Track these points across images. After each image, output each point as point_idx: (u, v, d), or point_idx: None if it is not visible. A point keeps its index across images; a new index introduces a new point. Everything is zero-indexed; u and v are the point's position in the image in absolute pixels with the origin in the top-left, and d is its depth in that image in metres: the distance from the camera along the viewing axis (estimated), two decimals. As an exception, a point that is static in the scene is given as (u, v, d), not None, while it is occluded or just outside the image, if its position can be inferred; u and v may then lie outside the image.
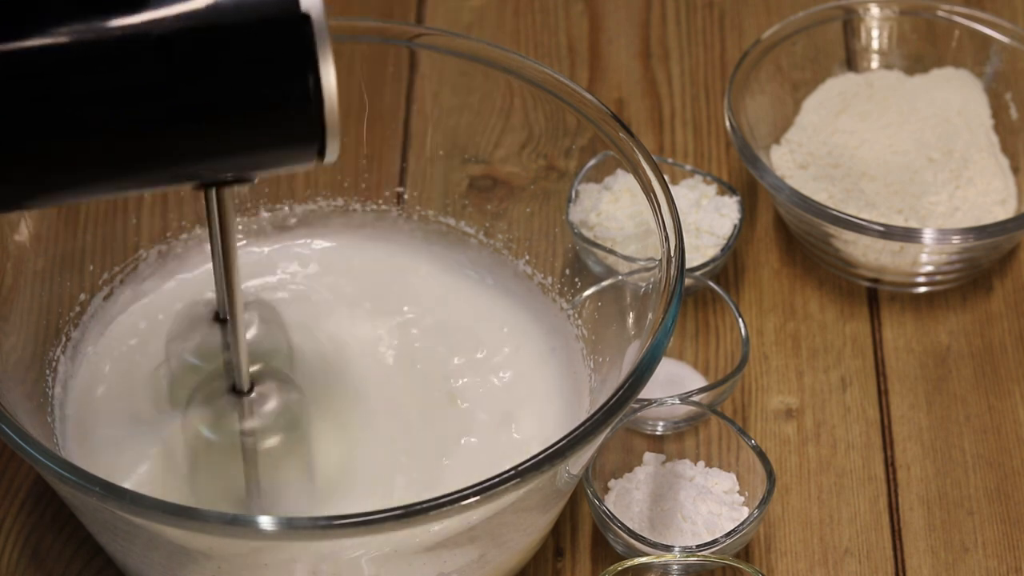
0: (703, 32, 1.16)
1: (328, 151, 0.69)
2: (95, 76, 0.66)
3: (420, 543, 0.80)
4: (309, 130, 0.68)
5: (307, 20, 0.66)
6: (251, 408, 0.81)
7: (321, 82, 0.67)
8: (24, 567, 0.89)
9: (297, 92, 0.67)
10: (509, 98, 0.93)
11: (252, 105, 0.67)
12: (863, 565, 0.90)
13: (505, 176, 0.95)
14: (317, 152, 0.69)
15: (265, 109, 0.68)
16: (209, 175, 0.71)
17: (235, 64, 0.67)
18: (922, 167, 1.03)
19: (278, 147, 0.69)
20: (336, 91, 0.67)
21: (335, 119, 0.68)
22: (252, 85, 0.67)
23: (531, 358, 0.92)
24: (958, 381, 0.98)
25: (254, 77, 0.67)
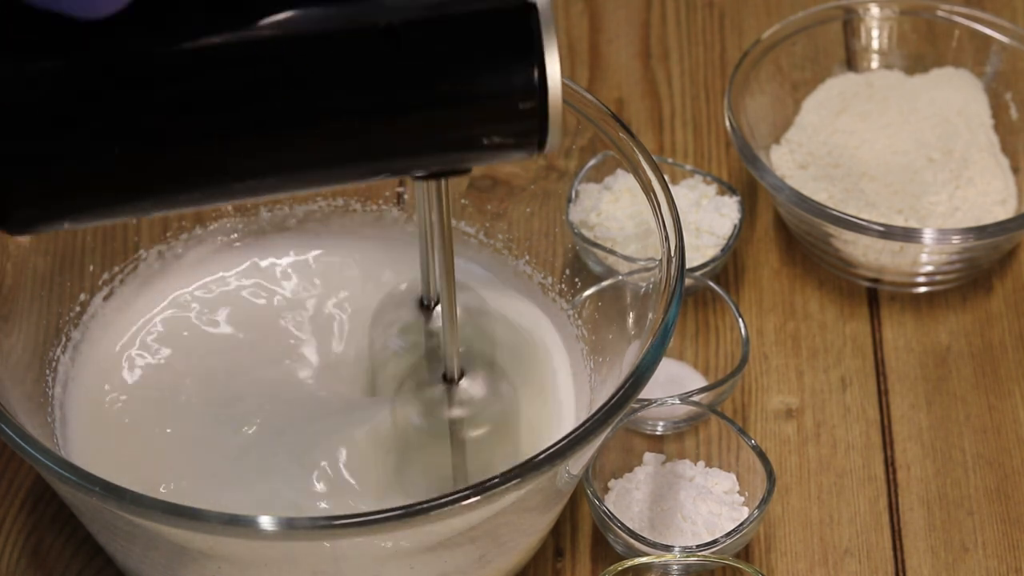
0: (703, 32, 1.16)
1: (549, 142, 0.69)
2: (323, 66, 0.66)
3: (420, 543, 0.80)
4: (532, 121, 0.68)
5: (534, 9, 0.66)
6: (460, 396, 0.82)
7: (547, 73, 0.67)
8: (24, 567, 0.89)
9: (522, 83, 0.67)
10: (509, 98, 0.93)
11: (477, 96, 0.68)
12: (863, 565, 0.90)
13: (505, 176, 0.95)
14: (538, 143, 0.69)
15: (490, 100, 0.68)
16: (430, 166, 0.71)
17: (462, 54, 0.67)
18: (922, 167, 1.03)
19: (500, 138, 0.69)
20: (560, 82, 0.68)
21: (558, 111, 0.68)
22: (478, 76, 0.67)
23: (530, 358, 0.92)
24: (958, 381, 0.98)
25: (480, 68, 0.67)
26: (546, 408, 0.89)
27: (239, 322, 0.93)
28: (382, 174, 0.71)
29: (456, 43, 0.67)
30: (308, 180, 0.71)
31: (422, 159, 0.70)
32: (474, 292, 0.89)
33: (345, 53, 0.66)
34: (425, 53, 0.66)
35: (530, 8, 0.67)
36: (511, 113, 0.68)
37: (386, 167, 0.71)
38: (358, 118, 0.68)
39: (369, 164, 0.70)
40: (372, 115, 0.68)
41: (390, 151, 0.69)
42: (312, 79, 0.67)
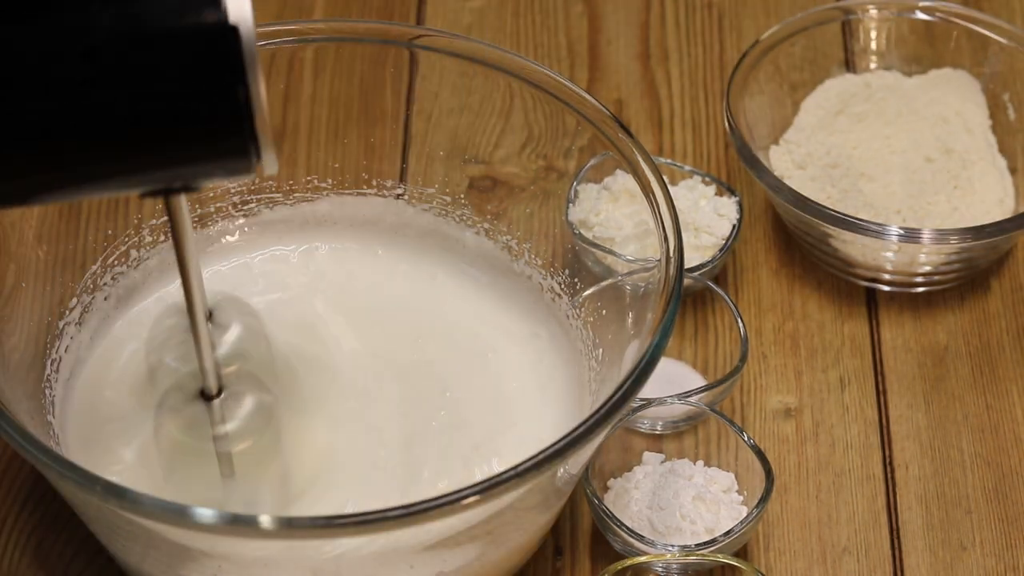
0: (702, 33, 1.16)
1: (266, 163, 0.69)
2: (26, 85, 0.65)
3: (420, 542, 0.80)
4: (242, 142, 0.67)
5: (234, 32, 0.65)
6: (221, 411, 0.81)
7: (251, 95, 0.66)
8: (26, 566, 0.89)
9: (227, 106, 0.66)
10: (509, 99, 0.93)
11: (184, 119, 0.67)
12: (861, 564, 0.90)
13: (505, 176, 0.96)
14: (255, 163, 0.69)
15: (197, 123, 0.67)
16: (148, 186, 0.70)
17: (162, 76, 0.66)
18: (920, 168, 1.04)
19: (212, 159, 0.69)
20: (266, 103, 0.67)
21: (267, 131, 0.67)
22: (181, 98, 0.66)
23: (530, 358, 0.92)
24: (956, 380, 0.98)
25: (182, 90, 0.66)
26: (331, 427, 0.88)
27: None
28: (104, 190, 0.71)
29: (156, 65, 0.65)
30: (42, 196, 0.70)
31: (136, 178, 0.69)
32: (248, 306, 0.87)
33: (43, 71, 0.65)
34: (125, 75, 0.65)
35: (231, 30, 0.65)
36: (220, 136, 0.67)
37: (105, 185, 0.70)
38: (69, 137, 0.66)
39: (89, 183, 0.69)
40: (77, 133, 0.66)
41: (106, 170, 0.68)
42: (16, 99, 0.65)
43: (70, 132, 0.66)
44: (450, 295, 0.95)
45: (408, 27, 1.08)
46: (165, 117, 0.66)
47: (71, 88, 0.65)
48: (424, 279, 0.95)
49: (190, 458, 0.82)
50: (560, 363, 0.92)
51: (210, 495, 0.82)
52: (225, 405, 0.81)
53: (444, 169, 0.96)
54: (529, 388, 0.91)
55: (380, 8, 1.17)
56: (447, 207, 0.96)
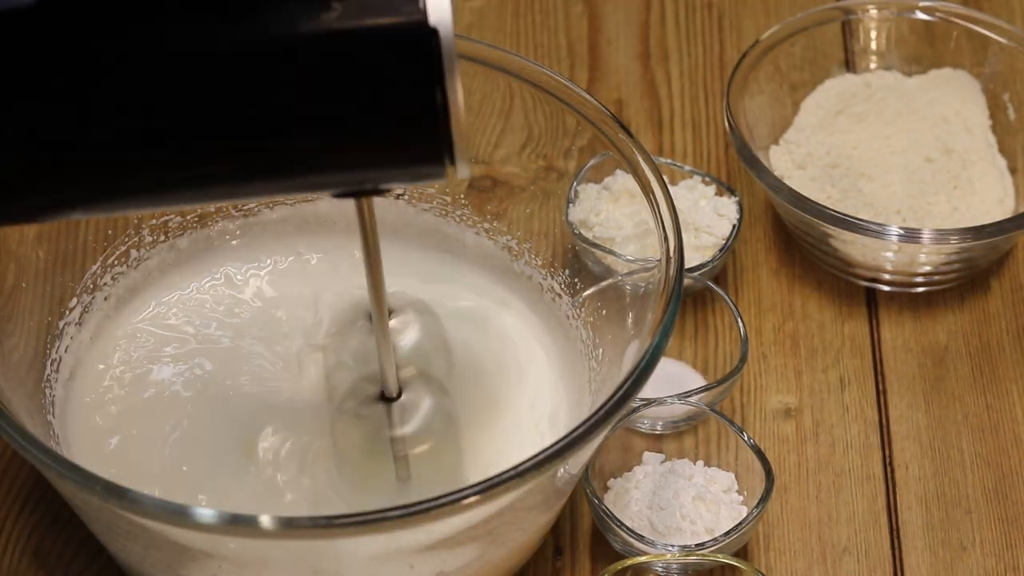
0: (702, 33, 1.16)
1: (459, 167, 0.68)
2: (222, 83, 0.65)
3: (420, 542, 0.80)
4: (436, 147, 0.67)
5: (434, 34, 0.65)
6: (400, 413, 0.81)
7: (448, 98, 0.66)
8: (26, 567, 0.89)
9: (424, 108, 0.66)
10: (509, 99, 0.93)
11: (378, 120, 0.66)
12: (861, 564, 0.90)
13: (505, 176, 0.96)
14: (449, 167, 0.68)
15: (391, 125, 0.66)
16: (339, 187, 0.70)
17: (361, 79, 0.65)
18: (920, 167, 1.04)
19: (406, 163, 0.68)
20: (463, 107, 0.66)
21: (463, 135, 0.67)
22: (378, 100, 0.66)
23: (530, 358, 0.92)
24: (956, 380, 0.98)
25: (380, 92, 0.65)
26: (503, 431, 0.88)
27: (238, 324, 0.93)
28: (291, 191, 0.71)
29: (355, 63, 0.65)
30: (215, 195, 0.70)
31: (329, 178, 0.69)
32: (430, 312, 0.88)
33: (243, 70, 0.65)
34: (325, 73, 0.65)
35: (432, 32, 0.65)
36: (415, 139, 0.67)
37: (293, 185, 0.70)
38: (260, 137, 0.66)
39: (275, 182, 0.69)
40: (273, 134, 0.66)
41: (295, 170, 0.68)
42: (211, 98, 0.65)
43: (271, 131, 0.66)
44: (450, 295, 0.95)
45: (408, 27, 1.07)
46: (362, 118, 0.66)
47: (272, 88, 0.65)
48: (424, 280, 0.95)
49: (367, 459, 0.83)
50: (560, 363, 0.92)
51: (385, 498, 0.82)
52: (404, 407, 0.81)
53: (444, 169, 0.96)
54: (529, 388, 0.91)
55: (380, 8, 1.17)
56: (447, 207, 0.96)
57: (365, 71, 0.65)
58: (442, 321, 0.89)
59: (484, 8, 1.17)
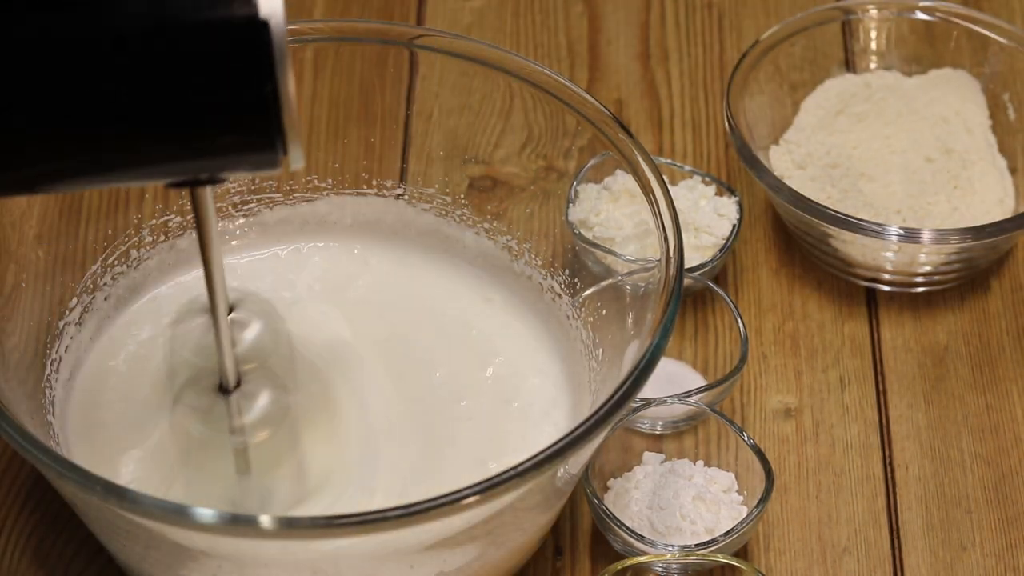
0: (702, 33, 1.16)
1: (292, 157, 0.69)
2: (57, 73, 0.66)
3: (420, 542, 0.80)
4: (270, 137, 0.67)
5: (265, 27, 0.65)
6: (238, 406, 0.81)
7: (279, 90, 0.66)
8: (26, 566, 0.89)
9: (254, 100, 0.66)
10: (509, 99, 0.93)
11: (211, 112, 0.67)
12: (861, 564, 0.90)
13: (505, 176, 0.96)
14: (281, 157, 0.69)
15: (224, 117, 0.67)
16: (175, 176, 0.70)
17: (191, 67, 0.66)
18: (920, 167, 1.04)
19: (240, 153, 0.69)
20: (295, 98, 0.67)
21: (296, 126, 0.67)
22: (210, 92, 0.66)
23: (531, 358, 0.92)
24: (956, 380, 0.98)
25: (212, 84, 0.66)
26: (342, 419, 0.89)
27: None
28: (130, 180, 0.71)
29: (186, 59, 0.66)
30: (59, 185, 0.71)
31: (166, 168, 0.70)
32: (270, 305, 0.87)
33: (78, 60, 0.65)
34: (156, 64, 0.66)
35: (263, 25, 0.65)
36: (248, 130, 0.67)
37: (131, 175, 0.70)
38: (96, 126, 0.67)
39: (115, 172, 0.69)
40: (108, 124, 0.67)
41: (132, 160, 0.68)
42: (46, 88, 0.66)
43: (100, 120, 0.66)
44: (450, 296, 0.95)
45: (408, 27, 1.08)
46: (193, 109, 0.66)
47: (102, 76, 0.65)
48: (424, 280, 0.95)
49: (205, 452, 0.83)
50: (560, 363, 0.92)
51: (225, 491, 0.83)
52: (242, 399, 0.81)
53: (444, 169, 0.96)
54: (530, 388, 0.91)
55: (380, 8, 1.17)
56: (447, 207, 0.96)
57: (197, 63, 0.66)
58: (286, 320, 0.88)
59: (484, 8, 1.17)
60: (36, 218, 0.89)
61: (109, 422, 0.89)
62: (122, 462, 0.86)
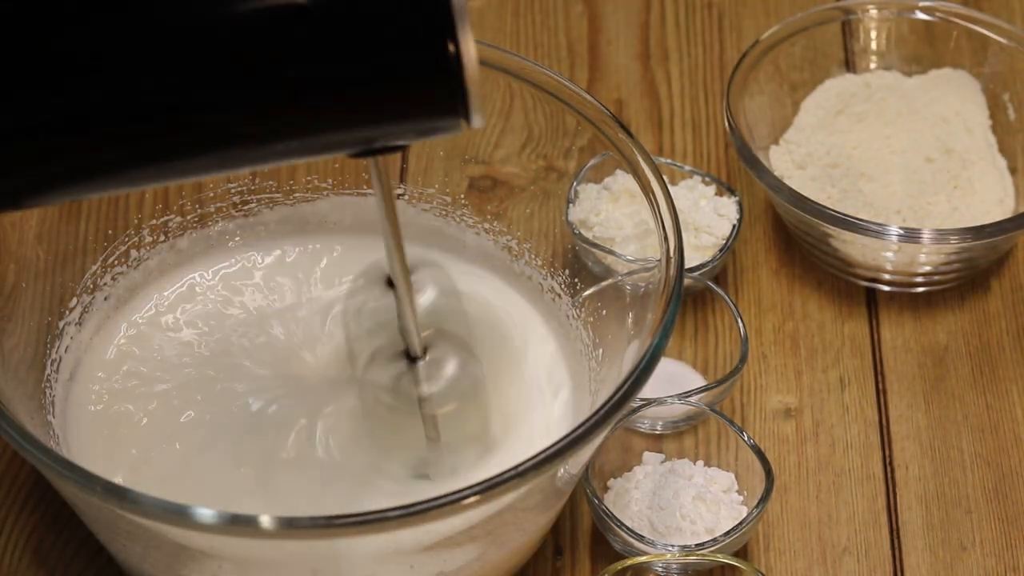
0: (702, 33, 1.16)
1: (473, 117, 0.68)
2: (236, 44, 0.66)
3: (420, 542, 0.80)
4: (451, 99, 0.67)
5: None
6: (427, 373, 0.82)
7: (460, 48, 0.66)
8: (26, 566, 0.89)
9: (436, 60, 0.66)
10: (509, 99, 0.93)
11: (393, 75, 0.67)
12: (861, 564, 0.90)
13: (505, 176, 0.96)
14: (463, 119, 0.69)
15: (406, 80, 0.67)
16: (357, 145, 0.70)
17: (374, 34, 0.66)
18: (920, 167, 1.04)
19: (422, 117, 0.69)
20: (476, 57, 0.66)
21: (477, 84, 0.67)
22: (392, 55, 0.66)
23: (531, 358, 0.92)
24: (956, 380, 0.98)
25: (394, 47, 0.66)
26: (518, 389, 0.89)
27: (239, 320, 0.93)
28: (312, 152, 0.71)
29: (367, 20, 0.65)
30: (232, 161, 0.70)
31: (346, 135, 0.69)
32: (443, 271, 0.88)
33: (255, 32, 0.65)
34: (336, 31, 0.65)
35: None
36: (428, 90, 0.67)
37: (311, 145, 0.70)
38: (280, 98, 0.67)
39: (292, 141, 0.69)
40: (288, 93, 0.67)
41: (312, 128, 0.68)
42: (224, 60, 0.66)
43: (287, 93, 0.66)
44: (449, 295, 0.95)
45: (408, 27, 1.07)
46: (376, 75, 0.66)
47: (286, 49, 0.65)
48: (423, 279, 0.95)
49: (395, 420, 0.83)
50: (560, 363, 0.92)
51: (417, 457, 0.84)
52: (430, 367, 0.82)
53: (444, 169, 0.96)
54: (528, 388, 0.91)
55: (380, 8, 1.17)
56: (447, 207, 0.96)
57: (378, 26, 0.66)
58: (455, 279, 0.89)
59: (484, 8, 1.17)
60: (36, 218, 0.89)
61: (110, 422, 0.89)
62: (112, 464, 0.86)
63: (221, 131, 0.68)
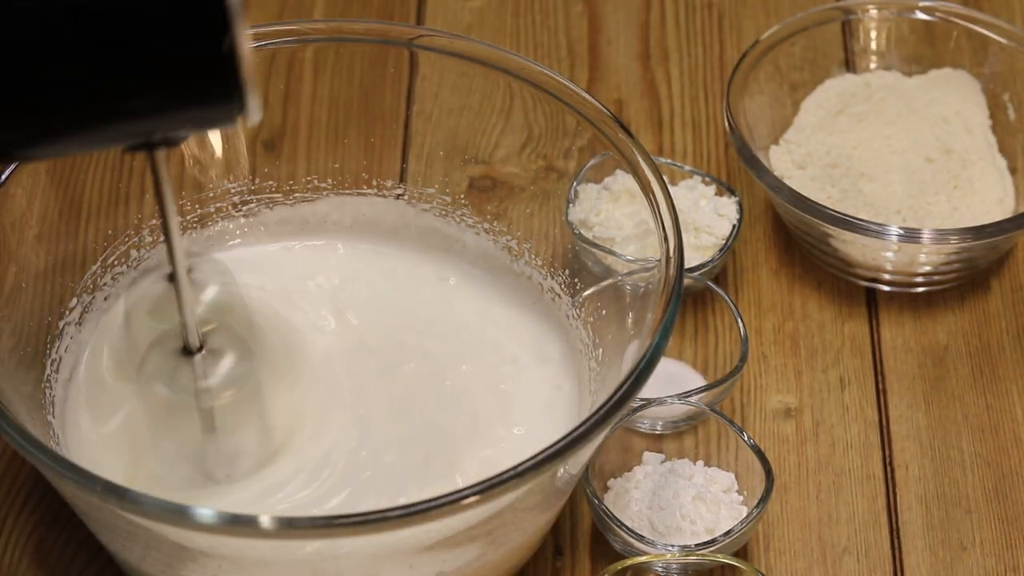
0: (702, 33, 1.16)
1: (250, 110, 0.69)
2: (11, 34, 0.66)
3: (420, 542, 0.80)
4: (228, 91, 0.68)
5: None
6: (203, 366, 0.81)
7: (236, 42, 0.67)
8: (26, 566, 0.89)
9: (213, 57, 0.67)
10: (509, 99, 0.93)
11: (170, 70, 0.67)
12: (861, 564, 0.90)
13: (505, 176, 0.96)
14: (239, 111, 0.69)
15: (183, 75, 0.68)
16: (134, 138, 0.71)
17: (151, 28, 0.66)
18: (920, 167, 1.04)
19: (199, 110, 0.69)
20: (250, 52, 0.67)
21: (252, 80, 0.68)
22: (169, 50, 0.67)
23: (531, 358, 0.92)
24: (956, 380, 0.98)
25: (171, 42, 0.67)
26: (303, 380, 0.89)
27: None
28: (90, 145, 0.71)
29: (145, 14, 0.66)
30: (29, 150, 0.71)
31: (123, 129, 0.70)
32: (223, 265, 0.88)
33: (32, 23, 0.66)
34: (114, 23, 0.66)
35: None
36: (204, 85, 0.68)
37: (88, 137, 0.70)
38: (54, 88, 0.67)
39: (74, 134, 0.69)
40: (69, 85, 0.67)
41: (91, 121, 0.69)
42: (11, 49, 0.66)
43: (56, 80, 0.67)
44: (450, 296, 0.95)
45: (408, 27, 1.08)
46: (152, 65, 0.67)
47: (58, 34, 0.66)
48: (423, 279, 0.95)
49: (173, 413, 0.83)
50: (560, 363, 0.92)
51: (192, 449, 0.83)
52: (206, 360, 0.81)
53: (444, 169, 0.97)
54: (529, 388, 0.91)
55: (380, 8, 1.17)
56: (447, 207, 0.96)
57: (155, 19, 0.66)
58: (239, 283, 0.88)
59: (484, 8, 1.17)
60: (36, 218, 0.89)
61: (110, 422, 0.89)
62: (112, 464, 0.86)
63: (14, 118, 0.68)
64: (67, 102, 0.68)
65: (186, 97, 0.69)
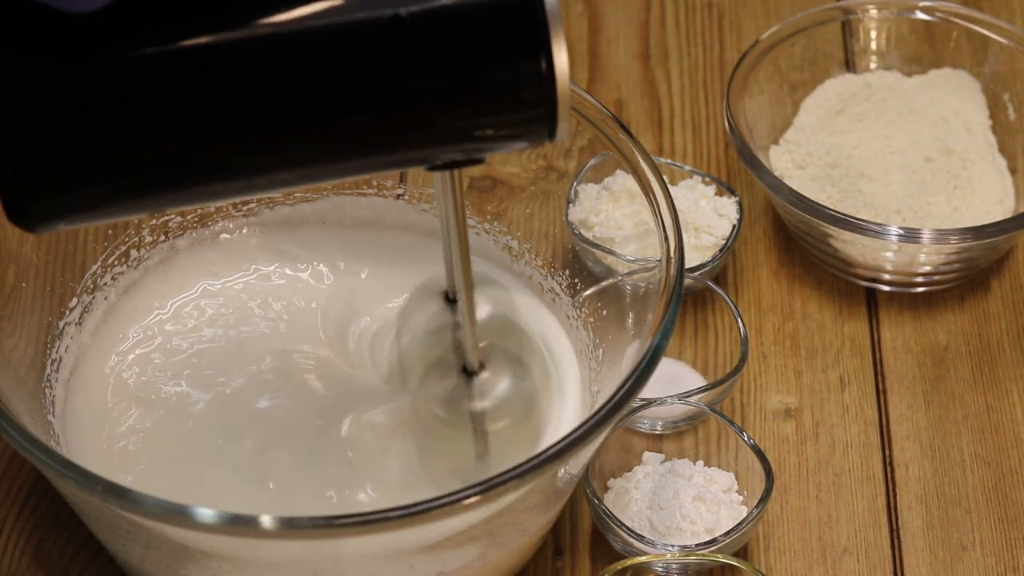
0: (702, 33, 1.16)
1: (559, 131, 0.69)
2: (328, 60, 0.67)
3: (420, 543, 0.80)
4: (540, 111, 0.68)
5: (539, 3, 0.67)
6: (481, 389, 0.82)
7: (554, 63, 0.67)
8: (26, 566, 0.89)
9: (529, 74, 0.67)
10: (509, 99, 0.93)
11: (485, 87, 0.68)
12: (861, 564, 0.90)
13: (505, 176, 0.96)
14: (547, 133, 0.70)
15: (498, 91, 0.68)
16: (441, 157, 0.71)
17: (469, 45, 0.67)
18: (920, 167, 1.04)
19: (509, 128, 0.70)
20: (568, 72, 0.68)
21: (567, 100, 0.68)
22: (485, 67, 0.67)
23: (531, 358, 0.92)
24: (956, 380, 0.98)
25: (487, 59, 0.67)
26: (558, 403, 0.89)
27: (242, 319, 0.93)
28: (392, 166, 0.72)
29: (463, 34, 0.67)
30: (318, 174, 0.71)
31: (432, 149, 0.71)
32: (500, 286, 0.89)
33: (351, 46, 0.67)
34: (432, 44, 0.67)
35: (535, 1, 0.67)
36: (519, 103, 0.68)
37: (396, 159, 0.71)
38: (365, 110, 0.68)
39: (379, 156, 0.70)
40: (380, 107, 0.68)
41: (399, 142, 0.69)
42: (317, 74, 0.67)
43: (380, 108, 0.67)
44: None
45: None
46: (469, 91, 0.68)
47: (382, 64, 0.66)
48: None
49: (445, 433, 0.84)
50: (560, 363, 0.92)
51: (463, 472, 0.83)
52: (485, 382, 0.82)
53: (444, 169, 0.96)
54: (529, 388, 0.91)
55: (380, 8, 1.17)
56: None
57: (473, 43, 0.67)
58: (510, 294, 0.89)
59: (484, 8, 1.17)
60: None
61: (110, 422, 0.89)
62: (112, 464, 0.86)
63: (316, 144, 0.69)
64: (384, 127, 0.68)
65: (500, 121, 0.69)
